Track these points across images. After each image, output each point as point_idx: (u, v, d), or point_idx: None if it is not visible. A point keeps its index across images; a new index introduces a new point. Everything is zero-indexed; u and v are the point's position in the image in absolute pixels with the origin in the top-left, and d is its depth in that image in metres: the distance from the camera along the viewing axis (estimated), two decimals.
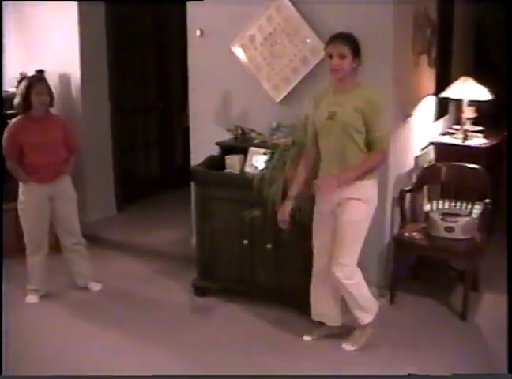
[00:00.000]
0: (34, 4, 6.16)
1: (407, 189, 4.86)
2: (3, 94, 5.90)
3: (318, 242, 4.03)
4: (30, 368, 3.97)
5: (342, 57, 3.73)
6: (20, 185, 4.82)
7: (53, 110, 5.03)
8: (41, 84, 4.74)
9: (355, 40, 3.81)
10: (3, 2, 5.18)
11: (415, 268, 5.05)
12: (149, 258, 5.70)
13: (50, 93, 4.80)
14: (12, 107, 5.00)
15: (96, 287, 5.14)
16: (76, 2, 6.03)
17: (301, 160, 4.09)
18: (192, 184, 4.98)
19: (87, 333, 4.43)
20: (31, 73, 5.83)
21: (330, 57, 3.76)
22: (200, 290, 4.85)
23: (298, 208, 4.05)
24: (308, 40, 4.69)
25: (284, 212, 4.00)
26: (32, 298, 4.94)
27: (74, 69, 6.18)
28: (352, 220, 3.84)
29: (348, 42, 3.76)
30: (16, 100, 4.74)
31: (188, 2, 5.20)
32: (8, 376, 3.61)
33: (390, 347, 4.12)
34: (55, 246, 5.31)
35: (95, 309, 4.80)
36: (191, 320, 4.58)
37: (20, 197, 4.83)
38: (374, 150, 3.81)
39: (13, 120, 4.81)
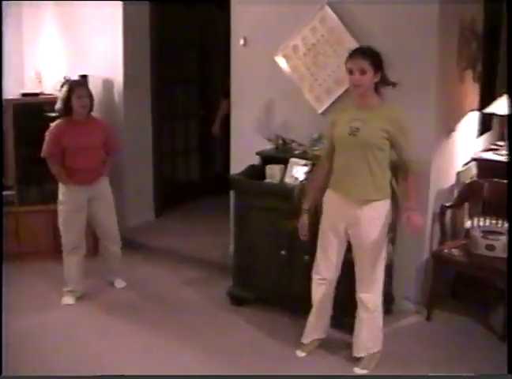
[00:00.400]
0: (79, 7, 6.25)
1: (448, 204, 4.79)
2: (49, 98, 6.00)
3: (329, 255, 3.96)
4: (58, 367, 4.01)
5: (363, 72, 3.66)
6: (60, 185, 4.90)
7: (95, 115, 5.09)
8: (81, 88, 4.86)
9: (377, 54, 3.74)
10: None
11: (453, 285, 4.97)
12: (186, 264, 5.72)
13: (91, 97, 4.89)
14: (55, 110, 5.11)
15: (120, 284, 5.28)
16: (121, 8, 6.10)
17: (315, 173, 4.11)
18: (231, 192, 4.98)
19: (118, 334, 4.49)
20: (74, 77, 5.92)
21: (351, 73, 3.70)
22: (235, 299, 4.85)
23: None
24: None
25: (303, 225, 4.00)
26: (68, 300, 5.00)
27: (117, 75, 6.24)
28: (375, 242, 3.81)
29: (368, 57, 3.68)
30: (58, 104, 4.84)
31: (232, 11, 5.22)
32: (8, 376, 3.63)
33: (425, 364, 4.06)
34: (92, 248, 5.37)
35: (128, 311, 4.85)
36: (223, 327, 4.59)
37: (60, 197, 4.91)
38: (408, 173, 3.79)
39: (56, 122, 4.89)
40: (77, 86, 4.88)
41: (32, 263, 5.69)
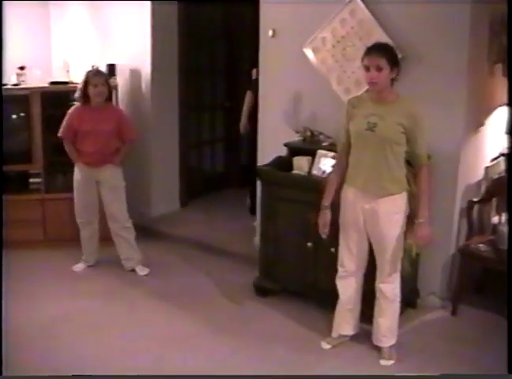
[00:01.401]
0: None
1: (475, 199, 4.75)
2: (77, 87, 6.04)
3: (351, 248, 3.96)
4: (82, 355, 4.05)
5: (379, 69, 3.66)
6: (75, 165, 5.20)
7: (123, 104, 5.17)
8: (96, 77, 5.07)
9: (392, 50, 3.76)
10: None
11: (480, 281, 4.94)
12: (210, 254, 5.74)
13: (108, 85, 5.12)
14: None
15: (142, 271, 5.35)
16: None
17: (334, 168, 4.12)
18: (258, 183, 4.99)
19: (142, 323, 4.51)
20: (102, 66, 5.95)
21: (367, 69, 3.70)
22: (260, 290, 4.86)
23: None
24: None
25: (325, 223, 3.97)
26: (78, 267, 5.38)
27: (145, 64, 6.26)
28: (394, 235, 3.82)
29: (384, 53, 3.68)
30: (77, 93, 5.11)
31: (261, 2, 5.21)
32: (8, 376, 3.64)
33: (448, 359, 4.03)
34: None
35: (152, 300, 4.87)
36: (248, 317, 4.60)
37: (74, 175, 5.25)
38: (418, 167, 3.79)
39: (74, 106, 5.17)
40: (93, 75, 5.09)
41: (57, 250, 5.74)
